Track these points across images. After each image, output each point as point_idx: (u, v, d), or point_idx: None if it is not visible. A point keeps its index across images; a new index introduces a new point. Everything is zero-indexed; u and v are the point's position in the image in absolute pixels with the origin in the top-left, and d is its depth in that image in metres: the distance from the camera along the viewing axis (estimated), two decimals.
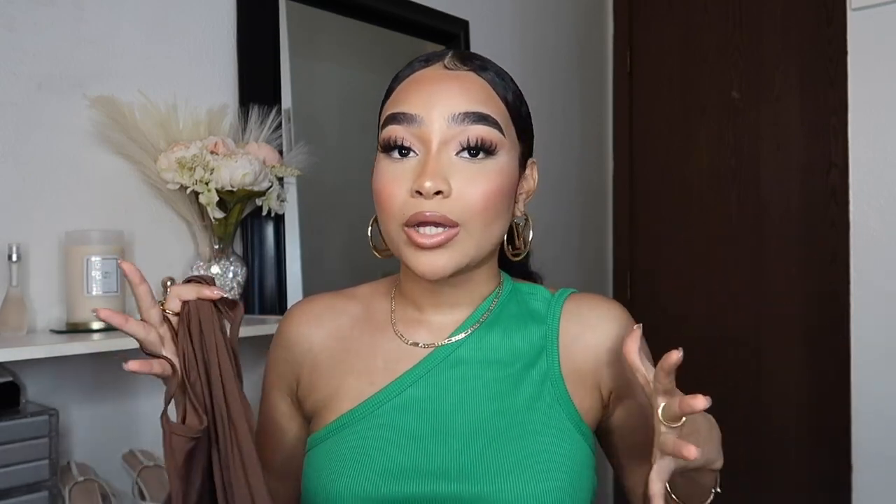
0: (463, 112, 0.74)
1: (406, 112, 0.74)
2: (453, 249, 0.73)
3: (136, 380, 1.37)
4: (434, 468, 0.74)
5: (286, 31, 1.59)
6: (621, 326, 0.82)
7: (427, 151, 0.73)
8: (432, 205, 0.71)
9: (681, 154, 2.48)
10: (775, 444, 2.21)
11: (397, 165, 0.74)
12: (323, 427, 0.80)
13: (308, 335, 0.85)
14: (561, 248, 2.40)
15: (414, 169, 0.73)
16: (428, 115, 0.74)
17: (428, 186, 0.71)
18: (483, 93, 0.76)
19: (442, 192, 0.72)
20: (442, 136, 0.73)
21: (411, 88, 0.76)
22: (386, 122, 0.76)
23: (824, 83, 2.16)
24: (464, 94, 0.75)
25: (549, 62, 2.37)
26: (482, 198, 0.73)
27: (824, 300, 2.14)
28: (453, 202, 0.72)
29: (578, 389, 0.80)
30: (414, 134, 0.74)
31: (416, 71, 0.78)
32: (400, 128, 0.74)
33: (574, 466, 0.76)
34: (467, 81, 0.76)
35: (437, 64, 0.78)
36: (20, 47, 1.23)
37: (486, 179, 0.74)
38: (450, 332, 0.81)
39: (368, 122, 0.92)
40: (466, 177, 0.73)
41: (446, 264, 0.73)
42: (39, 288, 1.25)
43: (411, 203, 0.72)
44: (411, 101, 0.75)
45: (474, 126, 0.74)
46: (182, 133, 1.35)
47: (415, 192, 0.72)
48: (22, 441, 1.06)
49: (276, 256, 1.54)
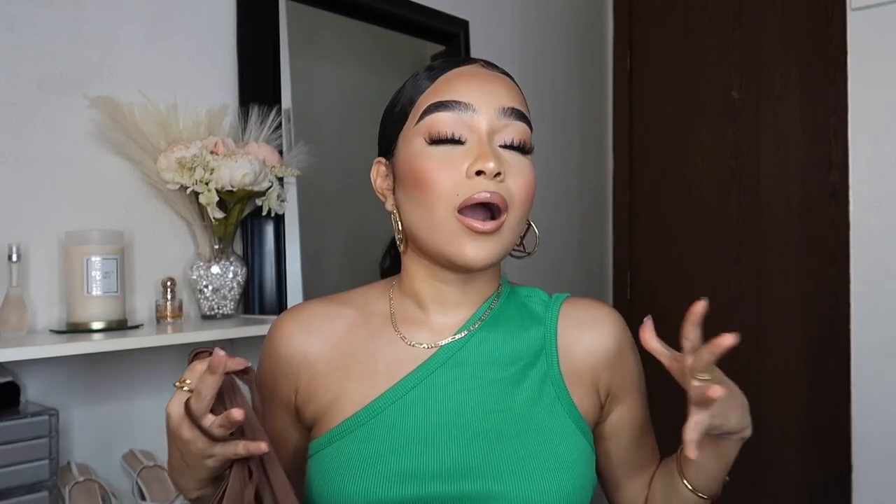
0: (510, 107, 0.77)
1: (457, 100, 0.76)
2: (499, 238, 0.75)
3: (135, 380, 1.38)
4: (440, 469, 0.74)
5: (286, 31, 1.59)
6: (616, 330, 0.85)
7: (479, 138, 0.75)
8: (492, 185, 0.73)
9: (681, 154, 2.48)
10: (775, 444, 2.21)
11: (445, 151, 0.75)
12: (325, 432, 0.79)
13: (301, 345, 0.83)
14: (561, 248, 2.40)
15: (464, 154, 0.75)
16: (479, 105, 0.76)
17: (491, 167, 0.73)
18: (519, 95, 0.80)
19: (501, 175, 0.74)
20: (491, 126, 0.76)
21: (457, 80, 0.78)
22: (430, 110, 0.77)
23: (824, 83, 2.15)
24: (507, 91, 0.78)
25: (549, 62, 2.37)
26: (524, 189, 0.76)
27: (824, 300, 2.14)
28: (507, 186, 0.75)
29: (577, 389, 0.81)
30: (465, 121, 0.76)
31: (454, 67, 0.80)
32: (450, 114, 0.76)
33: (577, 464, 0.77)
34: (506, 82, 0.80)
35: (474, 64, 0.81)
36: (20, 47, 1.23)
37: (526, 173, 0.77)
38: (451, 332, 0.81)
39: (368, 122, 0.92)
40: (512, 167, 0.76)
41: (490, 254, 0.75)
42: (39, 288, 1.25)
43: (468, 184, 0.73)
44: (459, 91, 0.77)
45: (518, 122, 0.77)
46: (182, 133, 1.35)
47: (474, 173, 0.73)
48: (22, 441, 1.06)
49: (276, 256, 1.54)
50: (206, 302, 1.39)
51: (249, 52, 1.52)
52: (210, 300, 1.39)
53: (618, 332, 0.85)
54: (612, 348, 0.83)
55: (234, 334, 1.28)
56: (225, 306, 1.40)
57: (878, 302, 1.76)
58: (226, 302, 1.40)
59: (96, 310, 1.21)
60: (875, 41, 1.76)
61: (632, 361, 0.86)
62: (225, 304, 1.40)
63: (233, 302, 1.41)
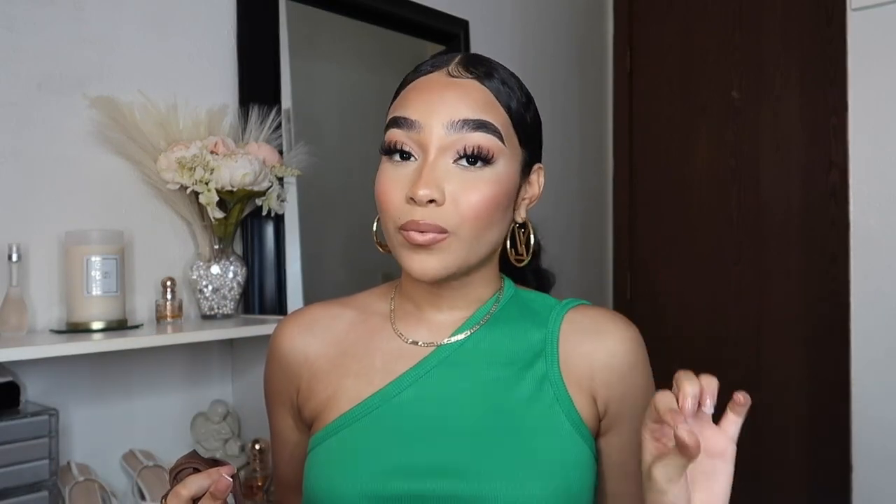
0: (462, 119, 0.74)
1: (406, 117, 0.75)
2: (444, 253, 0.73)
3: (135, 380, 1.38)
4: (433, 466, 0.74)
5: (286, 31, 1.59)
6: (623, 348, 0.80)
7: (424, 158, 0.74)
8: (425, 213, 0.72)
9: (681, 154, 2.48)
10: (775, 444, 2.21)
11: (397, 169, 0.75)
12: (322, 427, 0.80)
13: (302, 346, 0.85)
14: (561, 248, 2.40)
15: (411, 174, 0.74)
16: (427, 122, 0.74)
17: (421, 195, 0.71)
18: (483, 100, 0.76)
19: (435, 201, 0.72)
20: (440, 142, 0.74)
21: (413, 94, 0.77)
22: (388, 126, 0.77)
23: (824, 83, 2.15)
24: (463, 101, 0.75)
25: (549, 62, 2.37)
26: (475, 206, 0.73)
27: (824, 300, 2.14)
28: (445, 210, 0.73)
29: (578, 394, 0.79)
30: (413, 139, 0.74)
31: (421, 76, 0.78)
32: (400, 132, 0.75)
33: (572, 467, 0.76)
34: (468, 88, 0.76)
35: (441, 70, 0.78)
36: (20, 47, 1.23)
37: (480, 188, 0.74)
38: (450, 331, 0.81)
39: (368, 122, 0.92)
40: (461, 184, 0.73)
41: (436, 266, 0.74)
42: (39, 288, 1.25)
43: (406, 210, 0.73)
44: (412, 106, 0.75)
45: (473, 134, 0.74)
46: (182, 133, 1.35)
47: (409, 199, 0.72)
48: (22, 441, 1.06)
49: (276, 256, 1.54)
50: (205, 302, 1.39)
51: (249, 52, 1.52)
52: (210, 300, 1.39)
53: (624, 349, 0.79)
54: (612, 364, 0.79)
55: (233, 334, 1.28)
56: (225, 306, 1.40)
57: (878, 302, 1.76)
58: (226, 302, 1.40)
59: (96, 310, 1.21)
60: (875, 41, 1.76)
61: (636, 386, 0.80)
62: (225, 304, 1.40)
63: (233, 302, 1.41)
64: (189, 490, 0.66)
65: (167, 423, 1.41)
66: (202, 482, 0.66)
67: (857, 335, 1.79)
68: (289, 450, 0.89)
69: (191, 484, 0.66)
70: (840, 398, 1.98)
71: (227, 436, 1.44)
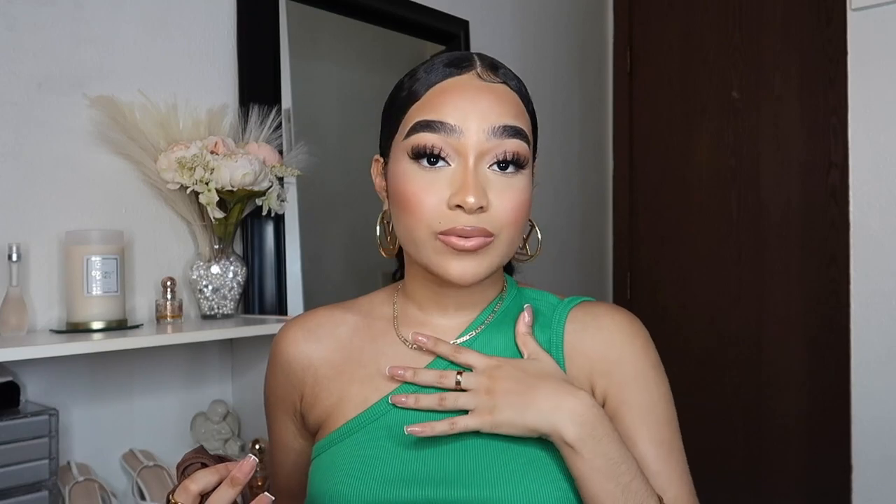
0: (501, 125, 0.73)
1: (443, 121, 0.73)
2: (486, 256, 0.73)
3: (135, 380, 1.38)
4: (439, 475, 0.74)
5: (286, 31, 1.59)
6: (622, 339, 0.80)
7: (464, 163, 0.72)
8: (472, 219, 0.71)
9: (681, 154, 2.48)
10: (775, 445, 2.21)
11: (429, 173, 0.73)
12: (327, 435, 0.79)
13: (306, 352, 0.84)
14: (561, 248, 2.40)
15: (449, 179, 0.73)
16: (466, 127, 0.73)
17: (471, 202, 0.70)
18: (516, 107, 0.76)
19: (483, 208, 0.72)
20: (479, 148, 0.73)
21: (447, 97, 0.74)
22: (417, 129, 0.74)
23: (824, 83, 2.16)
24: (500, 106, 0.74)
25: (549, 62, 2.37)
26: (514, 211, 0.74)
27: (824, 300, 2.14)
28: (490, 215, 0.73)
29: None
30: (450, 144, 0.73)
31: (447, 77, 0.76)
32: (435, 136, 0.73)
33: None
34: (502, 94, 0.75)
35: (469, 73, 0.76)
36: (20, 47, 1.23)
37: (517, 193, 0.74)
38: (455, 334, 0.81)
39: (368, 122, 0.92)
40: (500, 190, 0.73)
41: (477, 270, 0.73)
42: (39, 288, 1.25)
43: (449, 216, 0.72)
44: (447, 110, 0.73)
45: (510, 140, 0.74)
46: (182, 133, 1.35)
47: (454, 205, 0.71)
48: (22, 441, 1.06)
49: (276, 256, 1.54)
50: (206, 302, 1.39)
51: (249, 52, 1.52)
52: (210, 300, 1.39)
53: (621, 339, 0.79)
54: (608, 355, 0.79)
55: (233, 334, 1.28)
56: (225, 306, 1.40)
57: (878, 302, 1.76)
58: (226, 302, 1.40)
59: (96, 310, 1.21)
60: (875, 41, 1.76)
61: (635, 376, 0.79)
62: (225, 304, 1.40)
63: (233, 302, 1.41)
64: (198, 485, 0.66)
65: (167, 423, 1.41)
66: (210, 477, 0.67)
67: (857, 335, 1.79)
68: (291, 458, 0.89)
69: (199, 479, 0.66)
70: (840, 398, 1.98)
71: (227, 436, 1.44)
